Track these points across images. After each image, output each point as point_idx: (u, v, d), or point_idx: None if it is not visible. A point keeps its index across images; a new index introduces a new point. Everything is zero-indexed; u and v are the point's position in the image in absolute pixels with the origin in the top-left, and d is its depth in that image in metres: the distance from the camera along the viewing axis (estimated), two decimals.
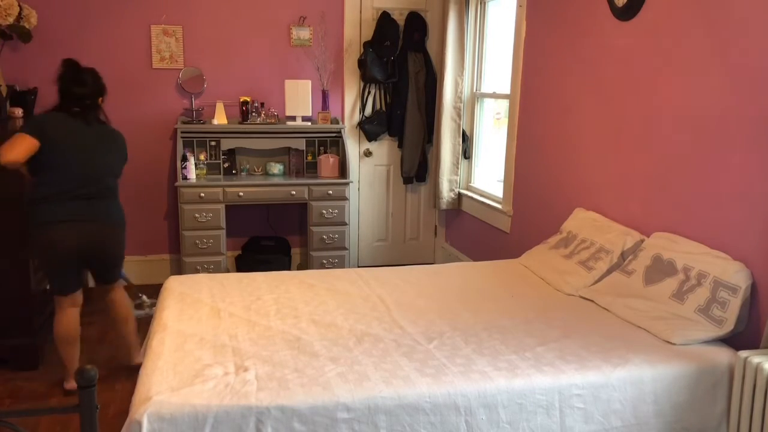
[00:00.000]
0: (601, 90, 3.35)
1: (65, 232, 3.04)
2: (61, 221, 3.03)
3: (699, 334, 2.42)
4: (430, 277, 3.25)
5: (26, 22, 4.18)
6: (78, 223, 3.06)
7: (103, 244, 3.19)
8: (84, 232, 3.08)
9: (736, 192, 2.52)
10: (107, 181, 3.17)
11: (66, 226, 3.04)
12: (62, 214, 3.03)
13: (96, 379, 1.67)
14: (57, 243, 3.05)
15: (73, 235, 3.06)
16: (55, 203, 3.03)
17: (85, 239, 3.09)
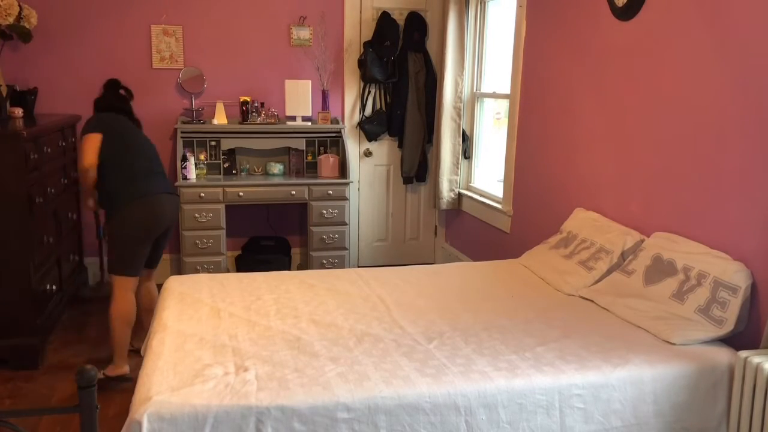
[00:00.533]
0: (601, 90, 3.35)
1: (164, 202, 3.30)
2: (158, 193, 3.28)
3: (699, 334, 2.42)
4: (430, 277, 3.25)
5: (26, 22, 4.18)
6: (168, 195, 3.35)
7: (176, 217, 3.52)
8: (172, 204, 3.40)
9: (736, 192, 2.52)
10: (159, 162, 3.46)
11: (163, 197, 3.30)
12: (156, 187, 3.29)
13: (96, 379, 1.67)
14: (160, 211, 3.27)
15: (168, 206, 3.34)
16: (145, 180, 3.27)
17: (173, 209, 3.40)
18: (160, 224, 3.30)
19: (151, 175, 3.32)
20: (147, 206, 3.24)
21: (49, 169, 3.79)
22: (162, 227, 3.33)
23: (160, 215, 3.28)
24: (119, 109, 3.43)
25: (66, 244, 4.13)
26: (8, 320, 3.39)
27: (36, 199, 3.47)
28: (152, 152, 3.44)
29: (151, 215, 3.25)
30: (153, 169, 3.35)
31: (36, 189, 3.49)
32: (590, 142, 3.45)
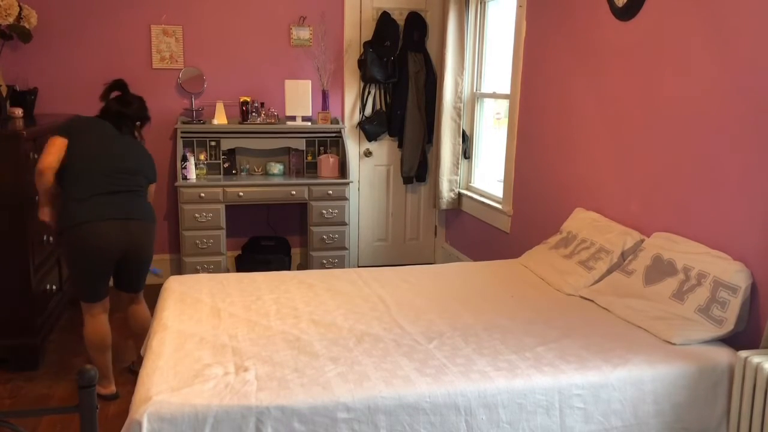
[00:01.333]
0: (601, 90, 3.35)
1: (105, 231, 2.93)
2: (99, 220, 2.92)
3: (699, 334, 2.42)
4: (430, 277, 3.25)
5: (26, 22, 4.18)
6: (118, 221, 2.96)
7: (141, 243, 3.07)
8: (125, 230, 2.99)
9: (736, 192, 2.52)
10: (139, 179, 3.09)
11: (106, 224, 2.93)
12: (100, 212, 2.93)
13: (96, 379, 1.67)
14: (96, 244, 2.93)
15: (114, 234, 2.95)
16: (90, 201, 2.93)
17: (125, 237, 2.99)
18: (103, 256, 2.96)
19: (101, 196, 2.95)
20: (81, 236, 2.92)
21: None
22: (108, 258, 2.99)
23: (99, 247, 2.93)
24: (115, 112, 3.12)
25: None
26: (8, 320, 3.39)
27: (36, 199, 3.46)
28: (120, 165, 3.03)
29: (87, 247, 2.93)
30: (107, 189, 2.97)
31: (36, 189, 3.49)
32: (590, 142, 3.45)
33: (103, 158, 3.01)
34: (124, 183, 3.03)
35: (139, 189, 3.10)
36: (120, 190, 3.01)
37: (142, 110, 3.20)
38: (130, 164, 3.08)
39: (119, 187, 3.01)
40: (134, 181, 3.08)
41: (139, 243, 3.06)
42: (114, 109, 3.13)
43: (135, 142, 3.19)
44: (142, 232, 3.07)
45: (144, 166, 3.16)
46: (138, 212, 3.06)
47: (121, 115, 3.13)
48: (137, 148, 3.18)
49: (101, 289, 3.08)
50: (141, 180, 3.12)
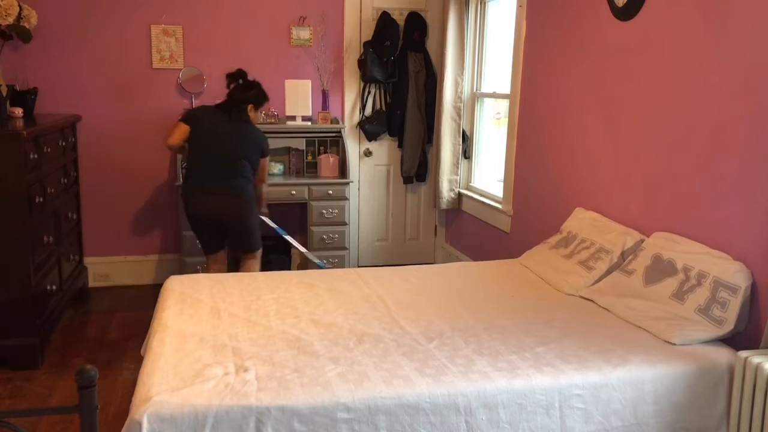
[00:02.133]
0: (601, 90, 3.35)
1: (199, 201, 3.74)
2: (197, 192, 3.73)
3: (699, 334, 2.42)
4: (430, 277, 3.25)
5: (26, 22, 4.18)
6: (209, 194, 3.71)
7: (227, 213, 3.76)
8: (212, 202, 3.72)
9: (736, 191, 2.52)
10: (240, 163, 3.74)
11: (201, 196, 3.73)
12: (199, 186, 3.72)
13: (96, 379, 1.67)
14: (193, 210, 3.77)
15: (203, 205, 3.74)
16: (195, 177, 3.74)
17: (212, 208, 3.73)
18: (203, 219, 3.78)
19: (206, 173, 3.70)
20: (189, 202, 3.78)
21: (49, 169, 3.79)
22: (206, 222, 3.78)
23: (201, 212, 3.76)
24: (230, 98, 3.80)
25: (66, 244, 4.13)
26: (8, 320, 3.39)
27: (36, 199, 3.47)
28: (225, 147, 3.71)
29: (192, 211, 3.78)
30: (214, 169, 3.69)
31: (36, 189, 3.49)
32: (590, 142, 3.45)
33: (209, 144, 3.73)
34: (222, 163, 3.71)
35: (236, 169, 3.74)
36: (218, 170, 3.70)
37: (250, 96, 3.83)
38: (231, 150, 3.74)
39: (217, 168, 3.70)
40: (233, 162, 3.73)
41: (225, 213, 3.77)
42: (235, 96, 3.81)
43: (241, 128, 3.80)
44: (226, 204, 3.75)
45: (245, 150, 3.79)
46: (224, 189, 3.73)
47: (236, 101, 3.79)
48: (241, 135, 3.79)
49: (205, 246, 3.92)
50: (241, 163, 3.75)
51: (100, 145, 4.69)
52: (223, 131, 3.74)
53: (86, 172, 4.70)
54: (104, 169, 4.72)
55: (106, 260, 4.83)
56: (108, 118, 4.68)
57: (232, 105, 3.79)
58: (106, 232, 4.79)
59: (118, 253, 4.85)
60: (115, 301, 4.53)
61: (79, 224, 4.59)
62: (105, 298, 4.60)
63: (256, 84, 3.88)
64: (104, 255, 4.81)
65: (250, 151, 3.80)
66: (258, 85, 3.88)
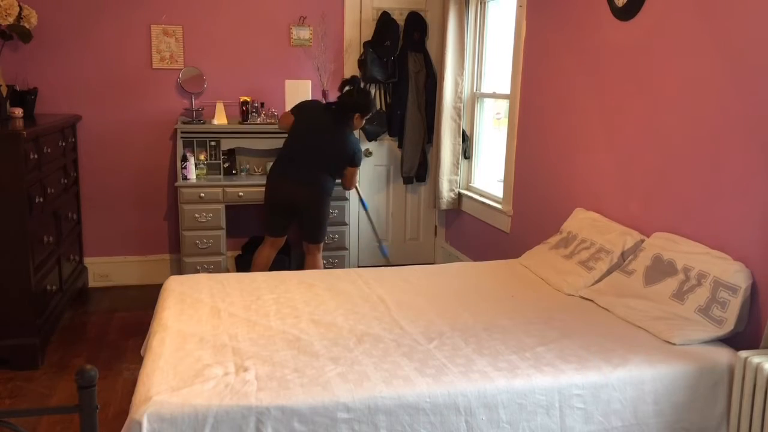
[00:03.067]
0: (601, 90, 3.35)
1: (277, 186, 4.01)
2: (279, 177, 4.01)
3: (699, 334, 2.42)
4: (430, 277, 3.25)
5: (26, 22, 4.18)
6: (288, 182, 3.96)
7: (299, 200, 3.99)
8: (289, 189, 3.97)
9: (736, 192, 2.52)
10: (325, 163, 3.97)
11: (281, 181, 3.99)
12: (282, 172, 3.99)
13: (96, 379, 1.67)
14: (270, 193, 4.05)
15: (282, 189, 3.99)
16: (281, 163, 4.02)
17: (288, 194, 3.98)
18: (278, 202, 4.04)
19: (293, 162, 3.94)
20: (270, 184, 4.05)
21: (49, 169, 3.79)
22: (281, 206, 4.05)
23: (278, 195, 4.02)
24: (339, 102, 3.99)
25: (66, 244, 4.13)
26: (8, 320, 3.39)
27: (36, 199, 3.47)
28: (318, 144, 3.93)
29: (270, 193, 4.05)
30: (300, 159, 3.93)
31: (36, 189, 3.49)
32: (590, 142, 3.45)
33: (305, 136, 3.97)
34: (310, 157, 3.93)
35: (321, 165, 3.96)
36: (304, 161, 3.93)
37: (361, 102, 3.98)
38: (323, 146, 3.94)
39: (305, 158, 3.93)
40: (320, 159, 3.95)
41: (299, 201, 3.99)
42: (345, 101, 3.98)
43: (338, 133, 3.96)
44: (302, 192, 3.97)
45: (335, 154, 3.99)
46: (305, 178, 3.95)
47: (344, 106, 3.96)
48: (336, 139, 3.96)
49: (272, 227, 4.14)
50: (328, 160, 3.98)
51: (100, 145, 4.69)
52: (321, 131, 3.95)
53: (86, 172, 4.70)
54: (104, 169, 4.72)
55: (106, 260, 4.82)
56: (108, 118, 4.67)
57: (339, 109, 3.96)
58: (106, 232, 4.79)
59: (118, 253, 4.85)
60: (115, 301, 4.53)
61: (79, 224, 4.59)
62: (105, 298, 4.60)
63: (366, 92, 4.11)
64: (104, 255, 4.81)
65: (339, 157, 4.00)
66: (368, 93, 4.14)
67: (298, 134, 4.00)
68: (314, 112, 4.03)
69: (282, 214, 4.09)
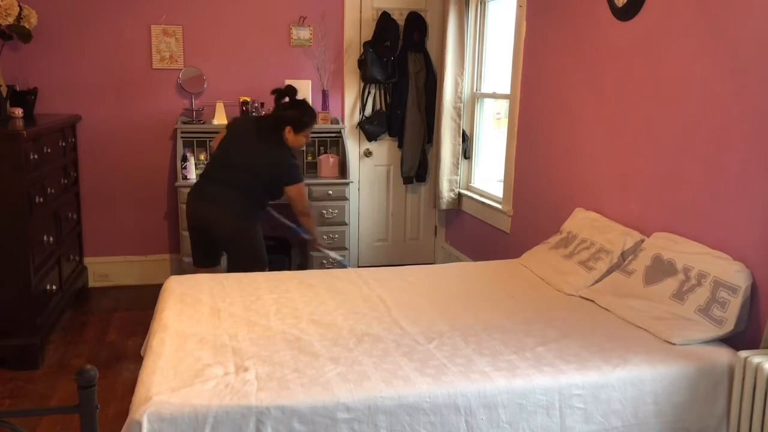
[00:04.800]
0: (601, 90, 3.35)
1: (195, 208, 3.62)
2: (196, 198, 3.62)
3: (699, 334, 2.42)
4: (430, 277, 3.25)
5: (26, 22, 4.18)
6: (203, 201, 3.58)
7: (215, 225, 3.58)
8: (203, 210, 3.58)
9: (736, 192, 2.52)
10: (248, 179, 3.56)
11: (198, 203, 3.60)
12: (201, 192, 3.62)
13: (96, 379, 1.67)
14: (187, 214, 3.68)
15: (198, 212, 3.60)
16: (201, 182, 3.66)
17: (204, 218, 3.59)
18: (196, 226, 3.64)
19: (214, 181, 3.58)
20: (187, 206, 3.70)
21: (49, 169, 3.79)
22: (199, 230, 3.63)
23: (195, 218, 3.63)
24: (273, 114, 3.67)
25: (66, 244, 4.13)
26: (8, 320, 3.39)
27: (36, 199, 3.47)
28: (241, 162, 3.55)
29: (188, 216, 3.69)
30: (221, 178, 3.56)
31: (36, 189, 3.49)
32: (590, 142, 3.45)
33: (228, 153, 3.62)
34: (232, 176, 3.55)
35: (244, 185, 3.56)
36: (225, 181, 3.56)
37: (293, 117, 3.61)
38: (247, 163, 3.56)
39: (227, 177, 3.56)
40: (243, 178, 3.56)
41: (215, 225, 3.57)
42: (274, 113, 3.67)
43: (266, 147, 3.59)
44: (219, 219, 3.56)
45: (262, 170, 3.58)
46: (223, 200, 3.55)
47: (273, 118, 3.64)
48: (259, 153, 3.58)
49: (196, 256, 3.75)
50: (253, 180, 3.57)
51: (100, 145, 4.69)
52: (246, 147, 3.60)
53: (86, 172, 4.70)
54: (104, 169, 4.72)
55: (106, 260, 4.82)
56: (108, 118, 4.67)
57: (271, 122, 3.63)
58: (106, 232, 4.79)
59: (118, 253, 4.85)
60: (115, 301, 4.53)
61: (79, 224, 4.59)
62: (105, 298, 4.59)
63: (299, 104, 3.68)
64: (104, 255, 4.81)
65: (265, 176, 3.59)
66: (302, 105, 3.69)
67: (221, 151, 3.65)
68: (242, 127, 3.70)
69: (202, 241, 3.68)
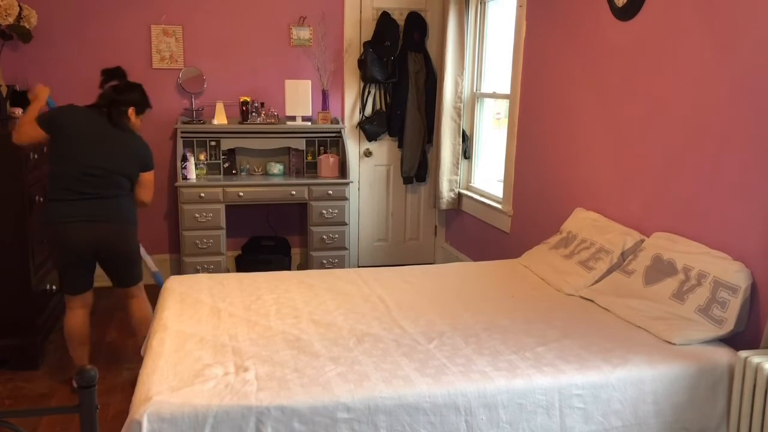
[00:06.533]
0: (601, 90, 3.35)
1: (71, 232, 3.00)
2: (70, 221, 3.00)
3: (699, 334, 2.42)
4: (430, 277, 3.25)
5: (26, 22, 4.18)
6: (84, 223, 3.01)
7: (114, 243, 3.10)
8: (90, 232, 3.02)
9: (736, 191, 2.52)
10: (114, 179, 3.06)
11: (71, 226, 3.00)
12: (72, 213, 3.00)
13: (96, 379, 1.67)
14: (66, 243, 3.02)
15: (79, 235, 3.01)
16: (61, 202, 3.01)
17: (91, 239, 3.03)
18: (76, 250, 3.04)
19: (79, 194, 3.00)
20: (54, 233, 3.04)
21: None
22: (78, 255, 3.06)
23: (74, 243, 3.02)
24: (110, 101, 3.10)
25: None
26: (8, 320, 3.39)
27: (36, 199, 3.47)
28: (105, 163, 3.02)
29: (60, 242, 3.04)
30: (87, 187, 3.00)
31: (36, 189, 3.50)
32: (590, 142, 3.45)
33: (76, 160, 3.00)
34: (94, 185, 3.02)
35: (111, 190, 3.07)
36: (88, 193, 3.01)
37: (138, 96, 3.17)
38: (107, 166, 3.04)
39: (88, 189, 3.01)
40: (107, 182, 3.05)
41: (108, 243, 3.09)
42: (110, 97, 3.11)
43: (121, 137, 3.11)
44: (109, 233, 3.08)
45: (125, 163, 3.10)
46: (104, 214, 3.05)
47: (115, 103, 3.09)
48: (122, 144, 3.10)
49: (77, 283, 3.15)
50: (117, 180, 3.08)
51: None
52: (96, 139, 3.04)
53: None
54: None
55: None
56: None
57: (110, 107, 3.09)
58: None
59: None
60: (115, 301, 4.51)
61: None
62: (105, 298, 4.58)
63: (137, 86, 3.21)
64: None
65: (130, 165, 3.12)
66: (140, 87, 3.22)
67: (67, 153, 3.01)
68: (78, 119, 3.07)
69: (84, 265, 3.13)
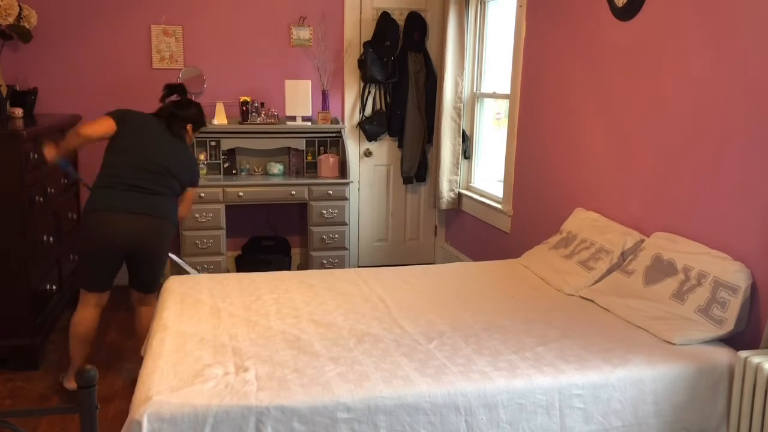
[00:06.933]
0: (601, 90, 3.35)
1: (114, 222, 2.98)
2: (114, 210, 2.97)
3: (699, 334, 2.42)
4: (430, 277, 3.25)
5: (26, 22, 4.18)
6: (130, 214, 2.99)
7: (151, 238, 3.07)
8: (134, 224, 3.00)
9: (736, 192, 2.52)
10: (169, 181, 3.12)
11: (117, 215, 2.97)
12: (115, 203, 2.99)
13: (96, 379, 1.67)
14: (102, 234, 2.98)
15: (122, 226, 2.98)
16: (111, 190, 3.00)
17: (134, 230, 3.01)
18: (114, 246, 3.01)
19: (132, 188, 3.01)
20: (93, 223, 2.99)
21: (49, 168, 3.78)
22: (118, 250, 3.03)
23: (115, 237, 2.98)
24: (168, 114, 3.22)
25: (66, 244, 4.13)
26: (8, 320, 3.39)
27: (36, 199, 3.47)
28: (162, 164, 3.08)
29: (100, 234, 2.99)
30: (142, 184, 3.03)
31: (36, 189, 3.49)
32: (590, 142, 3.45)
33: (139, 153, 3.08)
34: (148, 180, 3.06)
35: (165, 190, 3.13)
36: (139, 186, 3.04)
37: (196, 114, 3.31)
38: (165, 164, 3.11)
39: (141, 182, 3.04)
40: (160, 180, 3.10)
41: (145, 237, 3.06)
42: (168, 111, 3.22)
43: (180, 146, 3.23)
44: (149, 227, 3.05)
45: (181, 170, 3.19)
46: (149, 207, 3.04)
47: (174, 116, 3.21)
48: (180, 152, 3.22)
49: (100, 280, 3.10)
50: (171, 182, 3.14)
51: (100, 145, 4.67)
52: (159, 140, 3.14)
53: (86, 172, 4.69)
54: None
55: None
56: None
57: (171, 119, 3.21)
58: None
59: None
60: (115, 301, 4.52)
61: (79, 224, 4.59)
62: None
63: (196, 104, 3.35)
64: None
65: (184, 173, 3.21)
66: (198, 105, 3.36)
67: (131, 146, 3.07)
68: (144, 119, 3.17)
69: (116, 262, 3.08)
